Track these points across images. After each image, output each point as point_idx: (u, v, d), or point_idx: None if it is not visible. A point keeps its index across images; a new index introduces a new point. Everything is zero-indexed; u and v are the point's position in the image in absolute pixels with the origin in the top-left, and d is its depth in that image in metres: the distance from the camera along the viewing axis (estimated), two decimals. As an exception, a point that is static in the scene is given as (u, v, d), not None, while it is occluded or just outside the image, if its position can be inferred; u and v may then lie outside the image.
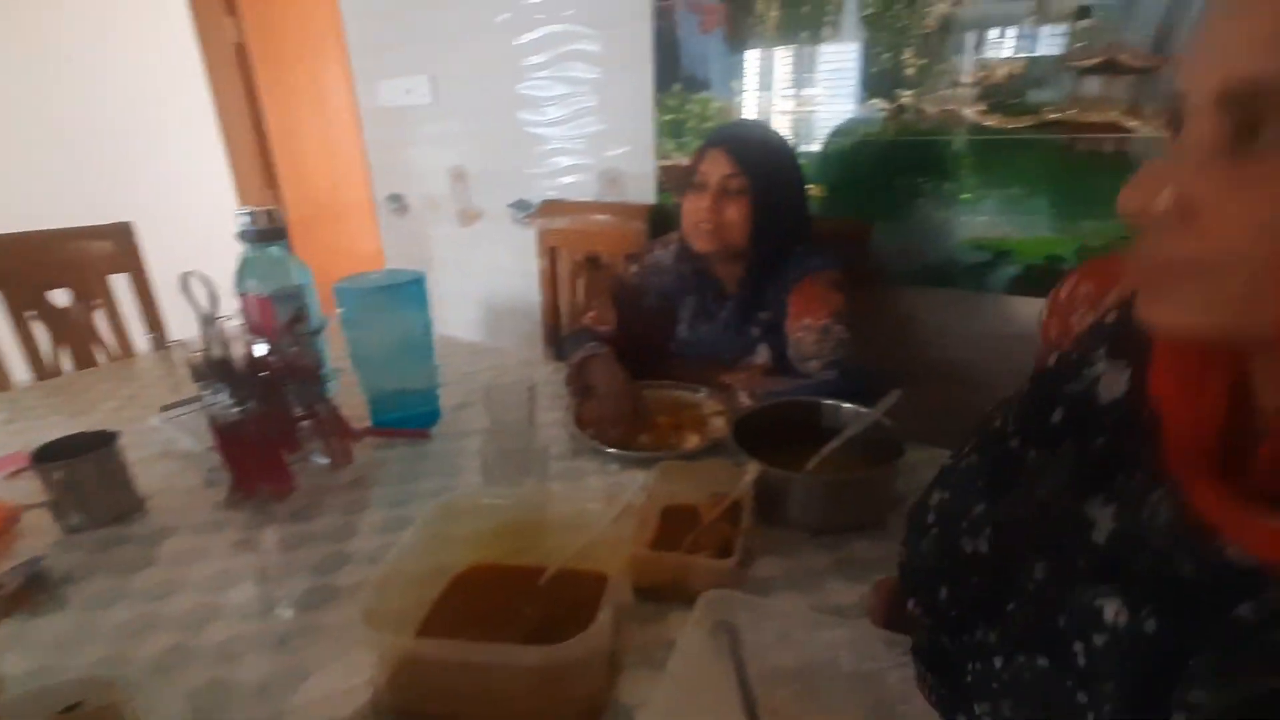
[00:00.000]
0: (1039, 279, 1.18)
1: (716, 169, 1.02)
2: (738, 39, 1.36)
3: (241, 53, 2.48)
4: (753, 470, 0.75)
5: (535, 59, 1.68)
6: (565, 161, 1.74)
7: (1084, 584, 0.34)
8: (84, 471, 0.78)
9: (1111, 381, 0.38)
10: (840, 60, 1.27)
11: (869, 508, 0.76)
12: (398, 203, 2.22)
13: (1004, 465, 0.42)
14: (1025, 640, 0.36)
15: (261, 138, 2.61)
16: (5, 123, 2.27)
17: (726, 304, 1.12)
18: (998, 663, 0.37)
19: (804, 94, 1.33)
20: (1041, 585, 0.37)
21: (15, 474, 0.89)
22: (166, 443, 0.97)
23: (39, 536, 0.78)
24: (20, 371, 1.44)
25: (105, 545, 0.77)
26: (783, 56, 1.32)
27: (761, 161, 1.02)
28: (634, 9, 1.48)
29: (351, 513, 0.82)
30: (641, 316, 1.17)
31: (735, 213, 1.02)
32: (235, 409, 0.78)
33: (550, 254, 1.70)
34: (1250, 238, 0.26)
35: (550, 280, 1.72)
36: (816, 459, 0.79)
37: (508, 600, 0.61)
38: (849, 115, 1.29)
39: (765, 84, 1.36)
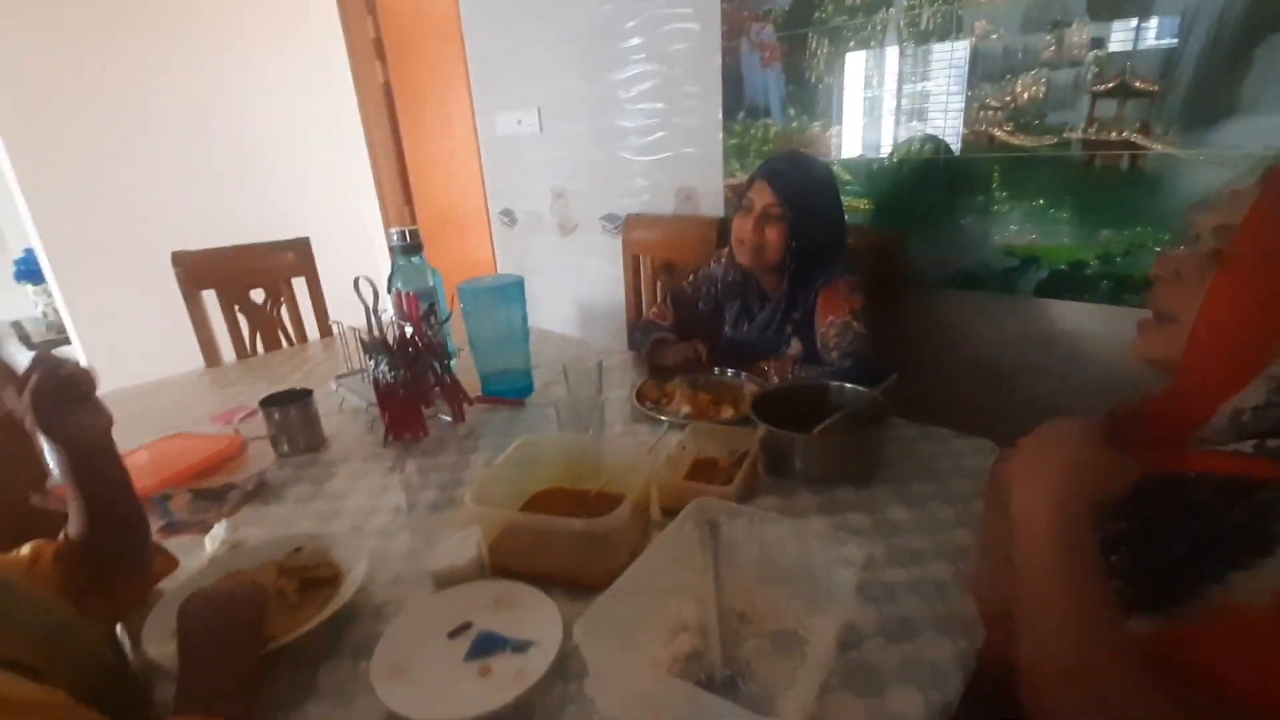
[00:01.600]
0: (1064, 282, 1.29)
1: (761, 198, 1.23)
2: (794, 72, 1.56)
3: (387, 91, 2.95)
4: (761, 430, 0.96)
5: (625, 94, 1.95)
6: (647, 180, 2.00)
7: None
8: (291, 415, 1.12)
9: None
10: (881, 89, 1.43)
11: (854, 465, 0.95)
12: (508, 217, 2.57)
13: None
14: None
15: (401, 163, 3.07)
16: (213, 159, 2.85)
17: (766, 306, 1.33)
18: None
19: (849, 119, 1.50)
20: None
21: (245, 418, 1.26)
22: (340, 401, 1.32)
23: (262, 459, 1.13)
24: (228, 353, 1.89)
25: (304, 466, 1.10)
26: (830, 86, 1.50)
27: (801, 194, 1.21)
28: (706, 47, 1.71)
29: (464, 454, 1.11)
30: (693, 318, 1.40)
31: (773, 235, 1.22)
32: (391, 375, 1.09)
33: (633, 261, 1.96)
34: None
35: (633, 283, 1.98)
36: (821, 426, 0.99)
37: (569, 510, 0.86)
38: (891, 137, 1.45)
39: (817, 112, 1.54)
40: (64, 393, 0.61)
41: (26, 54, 2.41)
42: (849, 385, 1.05)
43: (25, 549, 0.69)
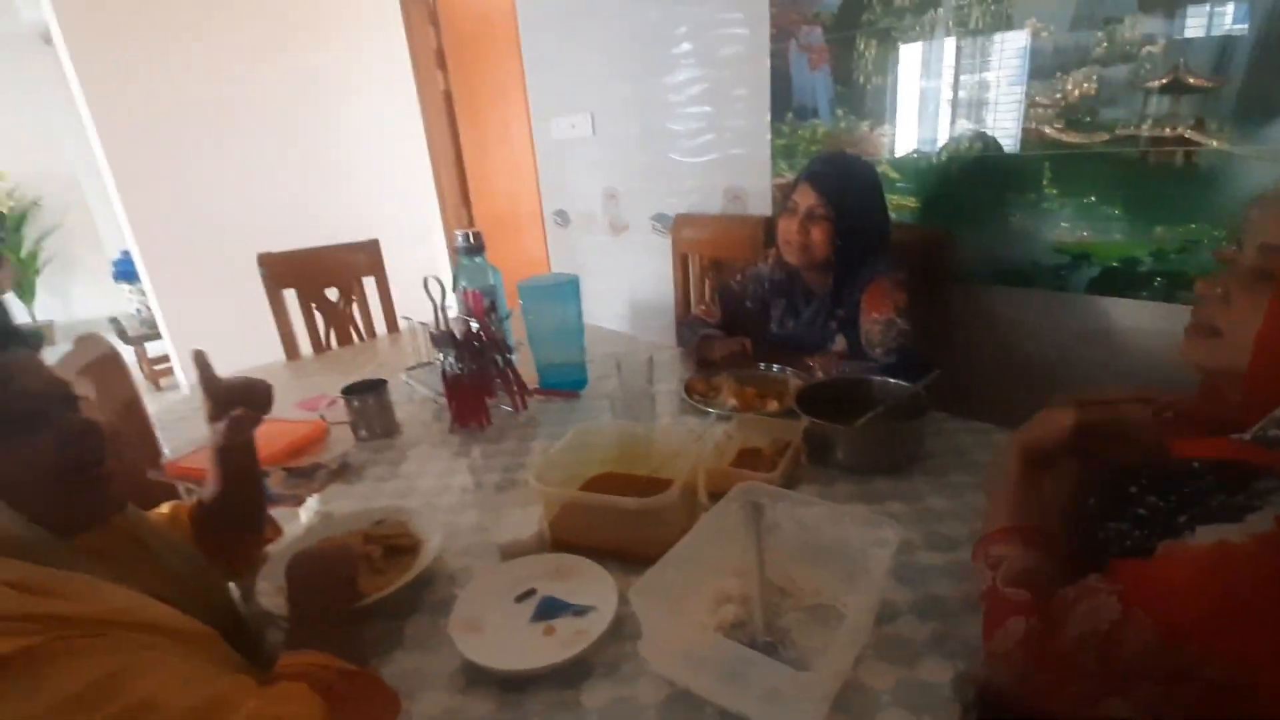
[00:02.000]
0: (1116, 280, 1.29)
1: (805, 199, 1.27)
2: (842, 73, 1.58)
3: (448, 99, 3.09)
4: (804, 422, 1.01)
5: (675, 97, 2.01)
6: (697, 181, 2.05)
7: None
8: (369, 403, 1.23)
9: None
10: (930, 88, 1.45)
11: (892, 455, 0.99)
12: (561, 217, 2.67)
13: None
14: None
15: (460, 167, 3.21)
16: (290, 167, 3.04)
17: (811, 303, 1.37)
18: None
19: (898, 118, 1.52)
20: None
21: (329, 405, 1.38)
22: (410, 391, 1.43)
23: (343, 442, 1.24)
24: (304, 347, 2.04)
25: (380, 449, 1.21)
26: (879, 87, 1.53)
27: (845, 194, 1.25)
28: (755, 51, 1.75)
29: (524, 440, 1.20)
30: (740, 315, 1.45)
31: (819, 234, 1.26)
32: (457, 367, 1.19)
33: (682, 259, 2.02)
34: None
35: (682, 281, 2.04)
36: (863, 419, 1.03)
37: (622, 492, 0.93)
38: (939, 137, 1.46)
39: (865, 112, 1.57)
40: (249, 400, 0.78)
41: (125, 71, 2.64)
42: (892, 380, 1.08)
43: (165, 508, 0.80)
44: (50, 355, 0.71)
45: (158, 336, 3.24)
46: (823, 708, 0.59)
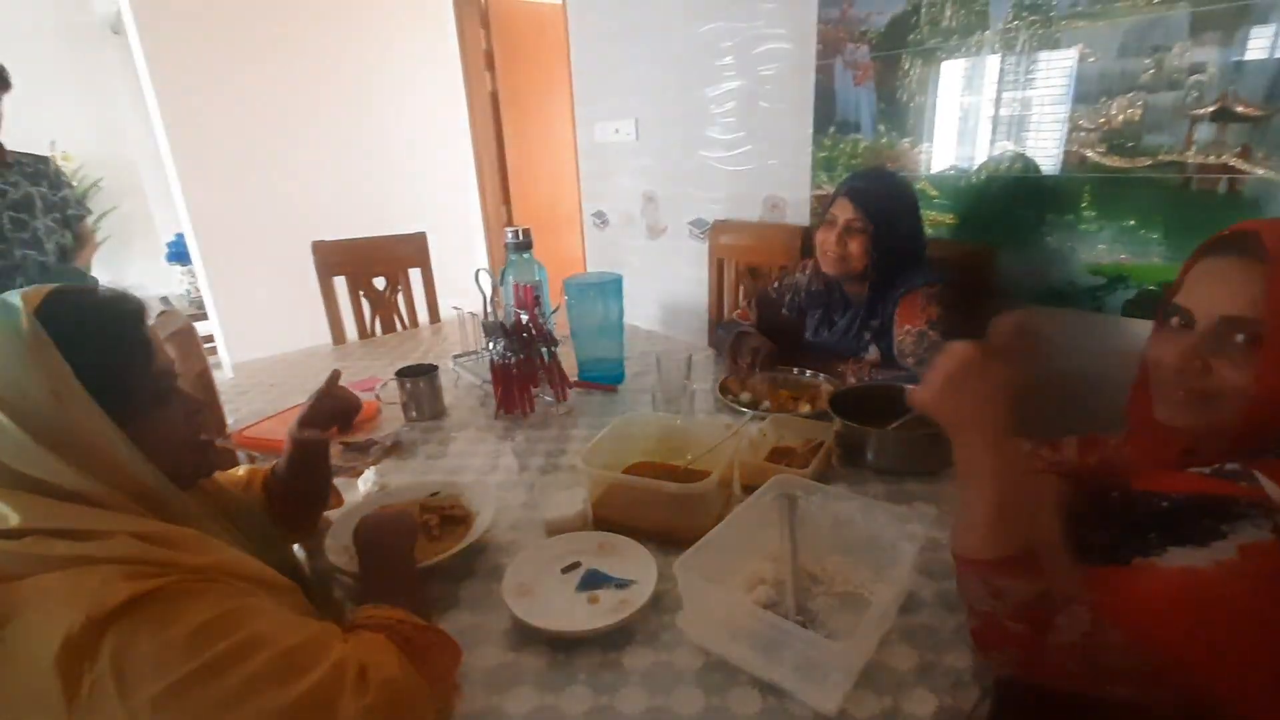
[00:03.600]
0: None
1: (843, 213, 1.31)
2: (886, 90, 1.62)
3: (494, 100, 3.18)
4: (837, 423, 1.05)
5: (718, 108, 2.06)
6: (736, 189, 2.10)
7: None
8: (421, 385, 1.30)
9: None
10: (972, 108, 1.48)
11: (923, 458, 1.03)
12: (600, 218, 2.73)
13: None
14: None
15: (502, 166, 3.30)
16: (342, 159, 3.16)
17: (847, 313, 1.41)
18: None
19: (939, 136, 1.55)
20: None
21: (383, 386, 1.45)
22: (456, 378, 1.50)
23: (394, 422, 1.31)
24: (351, 332, 2.13)
25: (430, 430, 1.27)
26: (921, 104, 1.56)
27: (882, 208, 1.29)
28: (800, 65, 1.79)
29: (565, 429, 1.26)
30: (776, 321, 1.49)
31: (857, 246, 1.30)
32: (506, 356, 1.25)
33: (718, 264, 2.07)
34: None
35: (717, 285, 2.09)
36: (896, 423, 1.06)
37: (661, 479, 0.98)
38: (980, 156, 1.49)
39: (907, 129, 1.60)
40: (343, 420, 0.91)
41: (192, 63, 2.78)
42: (924, 388, 1.12)
43: (240, 471, 0.87)
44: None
45: (204, 317, 3.37)
46: (850, 680, 0.63)
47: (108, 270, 4.67)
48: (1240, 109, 1.15)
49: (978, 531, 0.61)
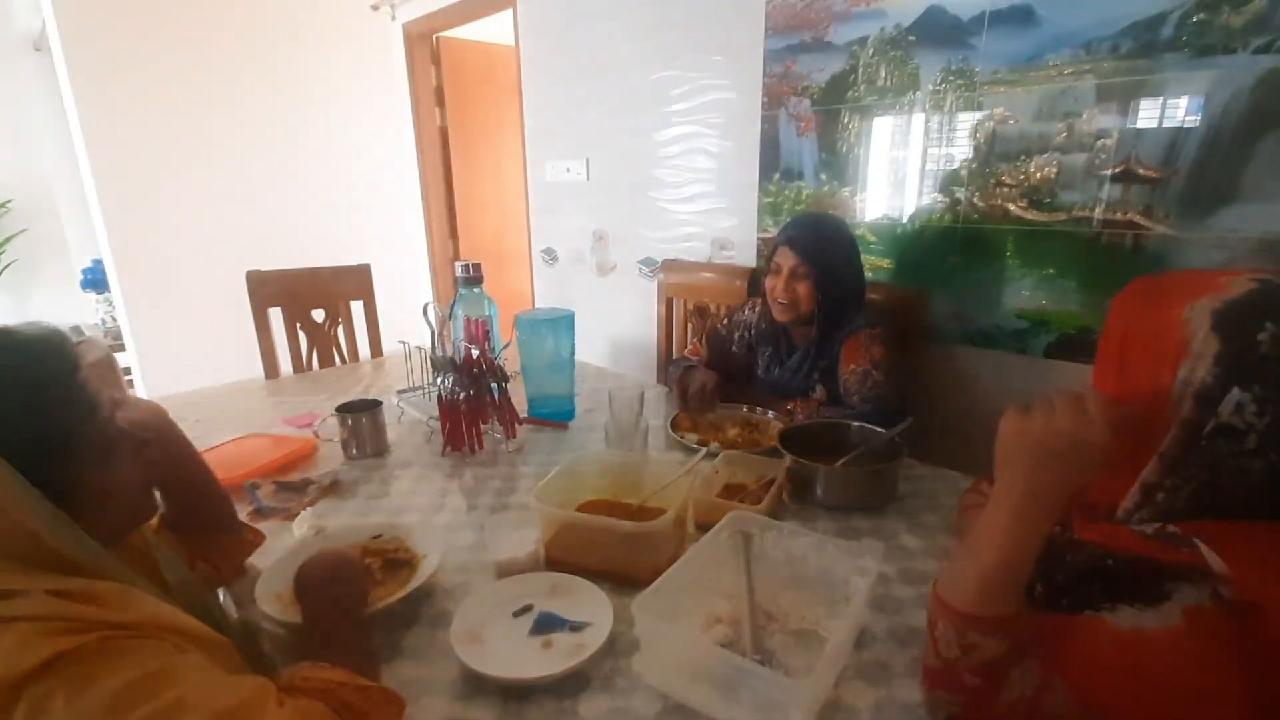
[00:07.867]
0: (1073, 345, 1.40)
1: (786, 260, 1.36)
2: (827, 141, 1.71)
3: (444, 135, 3.17)
4: (787, 460, 1.07)
5: (668, 150, 2.12)
6: (685, 229, 2.15)
7: None
8: (362, 422, 1.25)
9: None
10: (905, 161, 1.58)
11: (870, 494, 1.05)
12: (550, 255, 2.74)
13: None
14: None
15: (450, 200, 3.28)
16: (286, 193, 3.07)
17: (795, 354, 1.45)
18: None
19: (875, 186, 1.64)
20: None
21: (321, 423, 1.39)
22: (399, 414, 1.45)
23: (332, 460, 1.25)
24: (286, 366, 2.04)
25: (371, 468, 1.22)
26: (859, 156, 1.65)
27: (822, 252, 1.34)
28: (747, 115, 1.87)
29: (514, 466, 1.23)
30: (726, 358, 1.52)
31: (804, 290, 1.35)
32: (455, 392, 1.22)
33: (668, 302, 2.10)
34: None
35: (666, 323, 2.11)
36: (843, 460, 1.09)
37: (614, 518, 0.97)
38: (913, 205, 1.58)
39: (846, 178, 1.69)
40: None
41: (119, 82, 2.67)
42: (868, 425, 1.15)
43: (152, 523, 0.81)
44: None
45: (122, 348, 3.17)
46: (810, 719, 0.63)
47: (13, 296, 4.35)
48: (1142, 171, 1.26)
49: (975, 584, 0.60)
